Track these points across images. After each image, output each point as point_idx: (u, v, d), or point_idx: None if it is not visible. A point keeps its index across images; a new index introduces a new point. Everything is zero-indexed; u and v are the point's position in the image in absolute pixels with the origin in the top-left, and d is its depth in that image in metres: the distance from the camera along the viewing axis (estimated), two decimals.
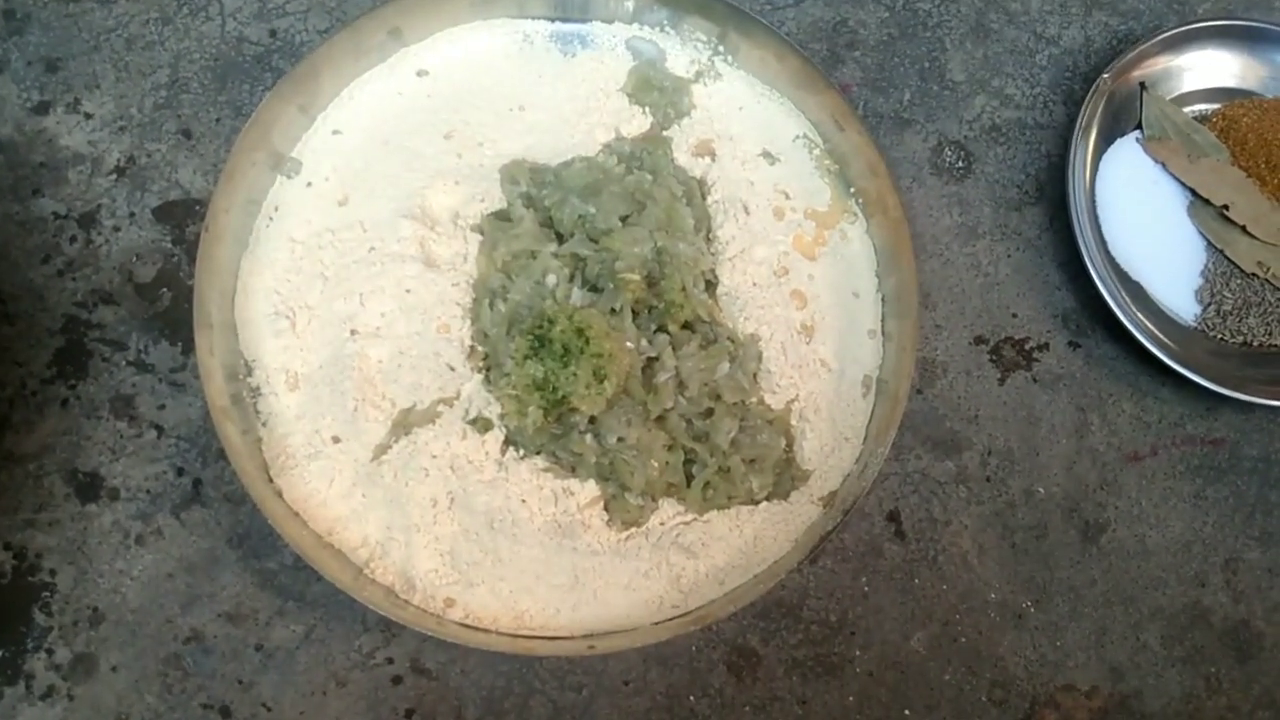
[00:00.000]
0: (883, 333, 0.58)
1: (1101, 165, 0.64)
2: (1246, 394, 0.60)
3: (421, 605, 0.52)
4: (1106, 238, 0.63)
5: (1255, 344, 0.64)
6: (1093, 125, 0.64)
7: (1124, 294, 0.62)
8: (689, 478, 0.55)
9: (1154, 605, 0.61)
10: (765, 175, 0.60)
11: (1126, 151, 0.65)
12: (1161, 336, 0.62)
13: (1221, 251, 0.64)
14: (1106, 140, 0.65)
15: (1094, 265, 0.61)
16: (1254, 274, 0.64)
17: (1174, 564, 0.62)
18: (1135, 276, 0.64)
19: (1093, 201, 0.64)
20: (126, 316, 0.59)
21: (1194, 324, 0.64)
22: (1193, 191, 0.64)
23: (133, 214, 0.60)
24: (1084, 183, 0.64)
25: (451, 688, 0.56)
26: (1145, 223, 0.64)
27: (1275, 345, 0.64)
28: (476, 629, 0.52)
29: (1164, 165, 0.64)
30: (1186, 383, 0.61)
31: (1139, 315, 0.62)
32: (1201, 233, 0.64)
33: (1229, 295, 0.63)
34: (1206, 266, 0.64)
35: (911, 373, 0.55)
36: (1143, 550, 0.62)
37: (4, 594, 0.55)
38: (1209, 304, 0.63)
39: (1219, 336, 0.63)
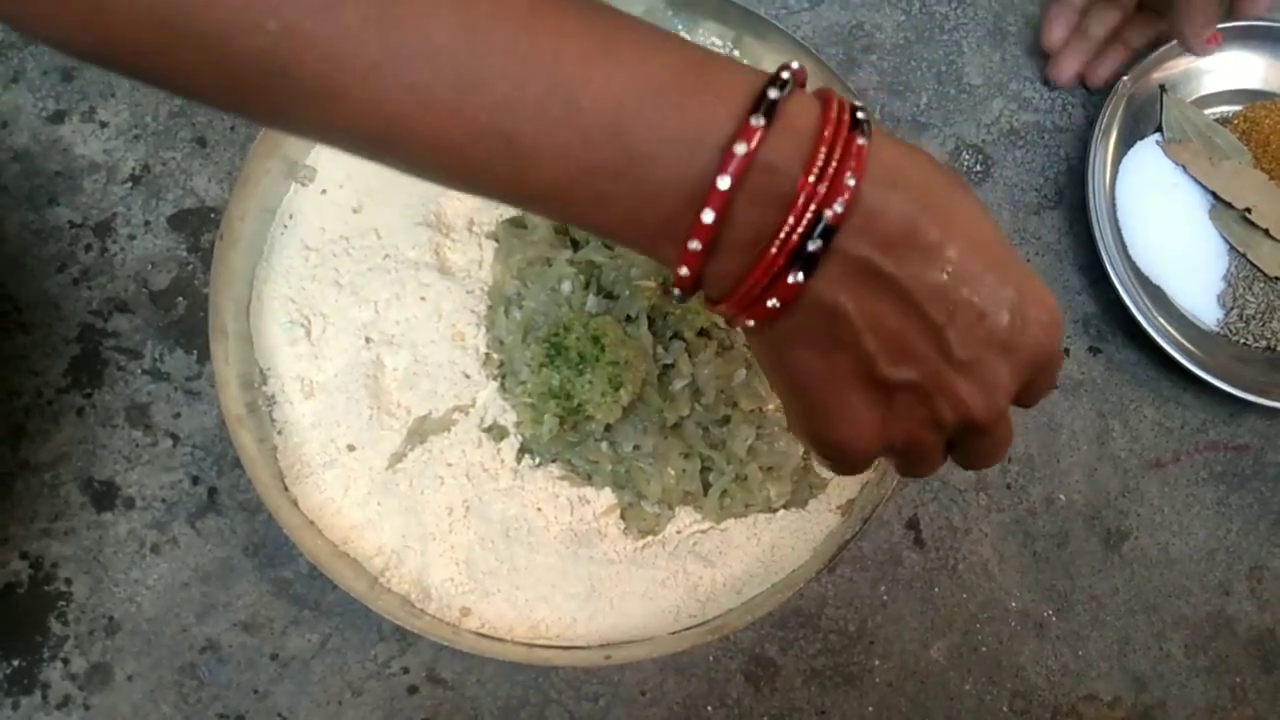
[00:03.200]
0: None
1: (1121, 168, 0.64)
2: (1271, 399, 0.60)
3: (437, 614, 0.52)
4: (1127, 241, 0.63)
5: (1279, 349, 0.63)
6: (1112, 128, 0.63)
7: (1145, 299, 0.61)
8: (706, 486, 0.55)
9: (1177, 614, 0.60)
10: None
11: (1147, 154, 0.64)
12: (1184, 341, 0.61)
13: (1244, 255, 0.63)
14: (1127, 143, 0.64)
15: (1115, 269, 0.60)
16: (1277, 278, 0.63)
17: (1197, 572, 0.61)
18: (1156, 280, 0.63)
19: (1113, 205, 0.63)
20: (142, 325, 0.59)
21: (1216, 329, 0.63)
22: (1214, 195, 0.64)
23: (148, 222, 0.60)
24: (1104, 186, 0.63)
25: (467, 698, 0.56)
26: (1166, 226, 0.63)
27: None
28: (492, 638, 0.52)
29: (1185, 168, 0.64)
30: (1209, 388, 0.60)
31: (1160, 320, 0.61)
32: (1223, 236, 0.63)
33: (1252, 300, 0.62)
34: (1229, 271, 0.63)
35: None
36: (1165, 558, 0.61)
37: (21, 603, 0.55)
38: (1231, 309, 0.63)
39: (1242, 341, 0.63)
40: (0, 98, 0.61)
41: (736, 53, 0.61)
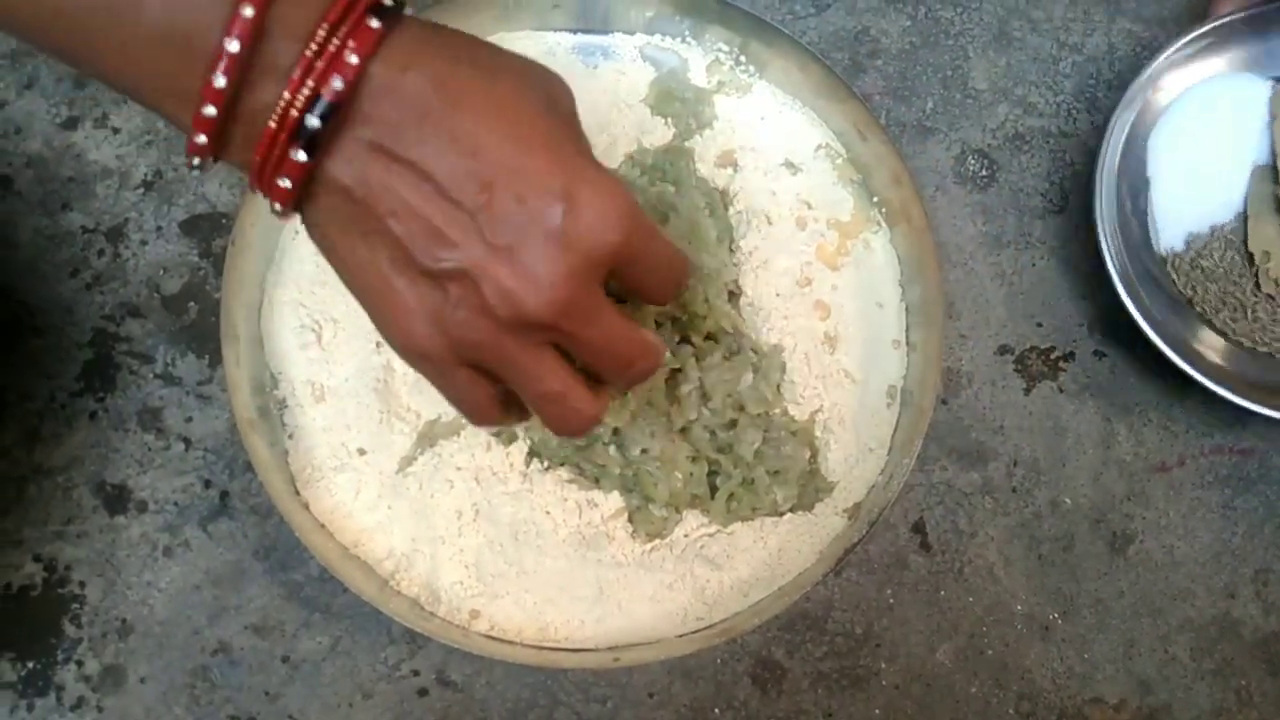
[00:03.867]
0: (907, 343, 0.58)
1: (1187, 94, 0.63)
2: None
3: (446, 617, 0.53)
4: (1149, 145, 0.63)
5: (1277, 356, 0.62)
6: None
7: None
8: (713, 489, 0.55)
9: (1183, 617, 0.61)
10: (788, 185, 0.60)
11: (1228, 88, 0.63)
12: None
13: (1247, 219, 0.62)
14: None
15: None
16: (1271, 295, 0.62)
17: (1203, 575, 0.61)
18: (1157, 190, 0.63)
19: (1130, 192, 0.63)
20: (154, 329, 0.59)
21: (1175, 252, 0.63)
22: (1273, 160, 0.62)
23: (160, 228, 0.61)
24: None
25: (477, 700, 0.56)
26: (1200, 162, 0.63)
27: None
28: (501, 641, 0.52)
29: (1274, 120, 0.62)
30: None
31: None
32: (1245, 197, 0.62)
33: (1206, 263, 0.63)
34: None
35: (936, 383, 0.55)
36: (1171, 561, 0.61)
37: (34, 606, 0.55)
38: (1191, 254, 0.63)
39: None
40: (14, 104, 0.61)
41: (743, 58, 0.61)
